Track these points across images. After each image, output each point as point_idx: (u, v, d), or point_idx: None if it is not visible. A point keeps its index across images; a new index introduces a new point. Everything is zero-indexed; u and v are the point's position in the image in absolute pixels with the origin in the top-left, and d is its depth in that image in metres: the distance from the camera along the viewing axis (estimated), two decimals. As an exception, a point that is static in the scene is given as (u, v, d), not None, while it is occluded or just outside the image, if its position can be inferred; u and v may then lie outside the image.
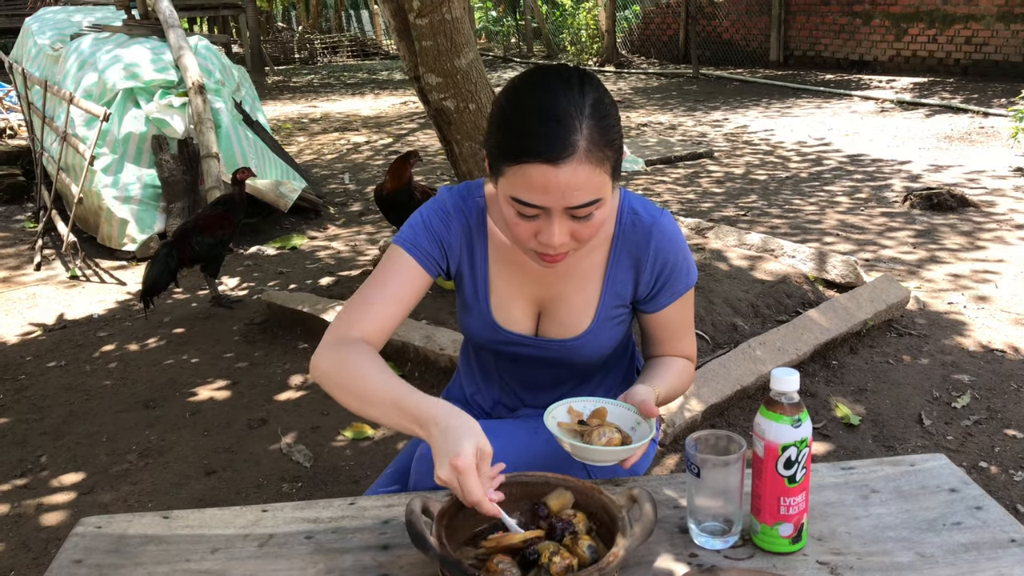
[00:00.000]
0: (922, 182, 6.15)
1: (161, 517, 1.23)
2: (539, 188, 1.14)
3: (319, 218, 5.99)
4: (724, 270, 3.81)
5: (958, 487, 1.22)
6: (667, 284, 1.35)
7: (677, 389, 1.39)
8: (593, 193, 1.16)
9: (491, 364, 1.51)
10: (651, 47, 16.69)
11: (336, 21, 25.89)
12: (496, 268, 1.38)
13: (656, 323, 1.40)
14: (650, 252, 1.34)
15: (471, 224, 1.38)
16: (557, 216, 1.17)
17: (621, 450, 1.16)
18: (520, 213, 1.18)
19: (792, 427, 1.05)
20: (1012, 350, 3.32)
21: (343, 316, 1.32)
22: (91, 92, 5.51)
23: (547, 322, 1.39)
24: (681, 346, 1.43)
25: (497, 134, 1.19)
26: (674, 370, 1.38)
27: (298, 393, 3.28)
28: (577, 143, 1.12)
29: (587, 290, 1.36)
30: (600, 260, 1.36)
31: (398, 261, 1.33)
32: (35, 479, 2.75)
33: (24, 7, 13.77)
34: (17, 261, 5.24)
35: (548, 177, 1.13)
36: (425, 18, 3.14)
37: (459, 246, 1.38)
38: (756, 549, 1.11)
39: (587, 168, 1.13)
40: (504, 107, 1.19)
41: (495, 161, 1.20)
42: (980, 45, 11.60)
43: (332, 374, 1.26)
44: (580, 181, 1.13)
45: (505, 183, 1.18)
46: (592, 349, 1.39)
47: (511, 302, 1.38)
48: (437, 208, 1.37)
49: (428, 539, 1.00)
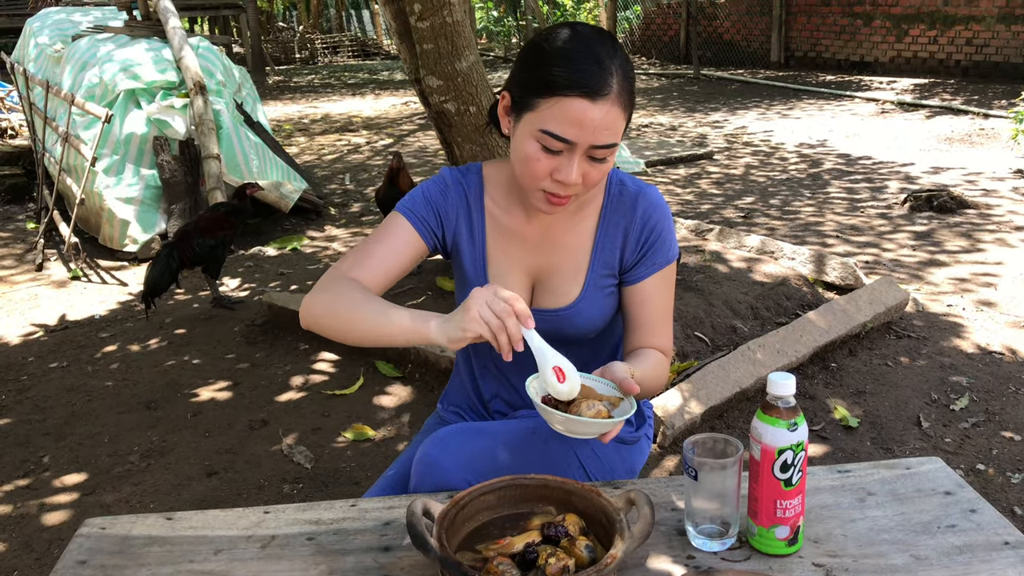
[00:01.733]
0: (922, 184, 6.16)
1: (164, 518, 1.24)
2: (575, 122, 1.20)
3: (320, 219, 6.00)
4: (723, 272, 3.82)
5: (953, 490, 1.23)
6: (650, 251, 1.40)
7: (651, 379, 1.37)
8: (615, 136, 1.24)
9: (488, 352, 1.52)
10: (652, 48, 16.70)
11: (337, 21, 25.90)
12: (493, 238, 1.43)
13: (636, 301, 1.41)
14: (637, 217, 1.39)
15: (469, 197, 1.44)
16: (579, 153, 1.24)
17: (605, 422, 1.14)
18: (545, 147, 1.24)
19: (788, 431, 1.06)
20: (1010, 352, 3.34)
21: (336, 267, 1.36)
22: (92, 93, 5.52)
23: (540, 292, 1.44)
24: (659, 336, 1.43)
25: (532, 69, 1.25)
26: (650, 361, 1.38)
27: (299, 394, 3.29)
28: (612, 84, 1.21)
29: (577, 259, 1.41)
30: (590, 229, 1.41)
31: (395, 223, 1.40)
32: (37, 479, 2.77)
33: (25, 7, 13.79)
34: (18, 261, 5.26)
35: (585, 112, 1.20)
36: (426, 21, 3.15)
37: (455, 215, 1.43)
38: (753, 551, 1.12)
39: (617, 110, 1.22)
40: (541, 45, 1.26)
41: (524, 96, 1.25)
42: (981, 46, 11.61)
43: (325, 306, 1.30)
44: (610, 121, 1.22)
45: (535, 117, 1.23)
46: (584, 319, 1.42)
47: (507, 272, 1.43)
48: (436, 181, 1.45)
49: (429, 541, 1.01)
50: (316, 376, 3.43)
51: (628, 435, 1.54)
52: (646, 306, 1.42)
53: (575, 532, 1.09)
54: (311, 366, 3.51)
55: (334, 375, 3.43)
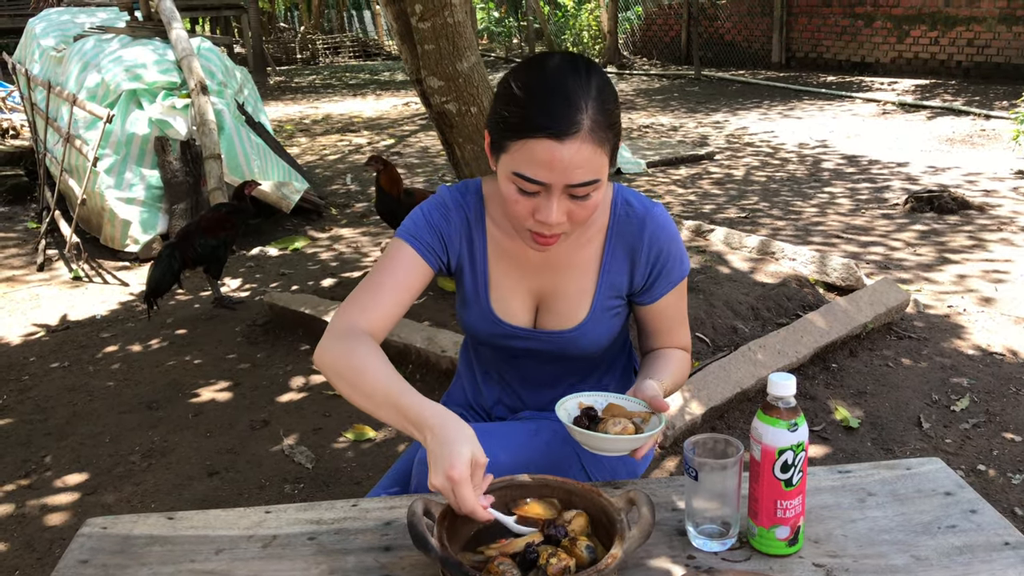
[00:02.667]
0: (923, 184, 6.16)
1: (166, 518, 1.24)
2: (543, 163, 1.17)
3: (321, 219, 6.01)
4: (725, 273, 3.82)
5: (953, 491, 1.23)
6: (663, 273, 1.38)
7: (679, 381, 1.43)
8: (593, 173, 1.19)
9: (491, 362, 1.52)
10: (653, 48, 16.70)
11: (338, 21, 25.91)
12: (495, 261, 1.41)
13: (653, 314, 1.43)
14: (644, 242, 1.37)
15: (470, 219, 1.40)
16: (556, 194, 1.20)
17: (635, 438, 1.18)
18: (521, 190, 1.22)
19: (789, 431, 1.06)
20: (1011, 353, 3.34)
21: (347, 307, 1.34)
22: (94, 93, 5.52)
23: (545, 314, 1.42)
24: (677, 337, 1.46)
25: (503, 110, 1.22)
26: (674, 362, 1.41)
27: (300, 394, 3.29)
28: (582, 121, 1.16)
29: (583, 281, 1.39)
30: (595, 252, 1.39)
31: (400, 252, 1.36)
32: (39, 479, 2.77)
33: (27, 7, 13.79)
34: (20, 261, 5.27)
35: (552, 153, 1.16)
36: (427, 22, 3.16)
37: (459, 239, 1.40)
38: (753, 551, 1.12)
39: (590, 147, 1.18)
40: (511, 85, 1.22)
41: (499, 138, 1.22)
42: (982, 47, 11.61)
43: (336, 366, 1.27)
44: (583, 159, 1.17)
45: (508, 159, 1.21)
46: (589, 340, 1.41)
47: (510, 295, 1.41)
48: (437, 203, 1.40)
49: (430, 540, 1.02)
50: (317, 376, 3.43)
51: None
52: (664, 317, 1.44)
53: (578, 531, 1.09)
54: (312, 366, 3.52)
55: (335, 375, 3.43)
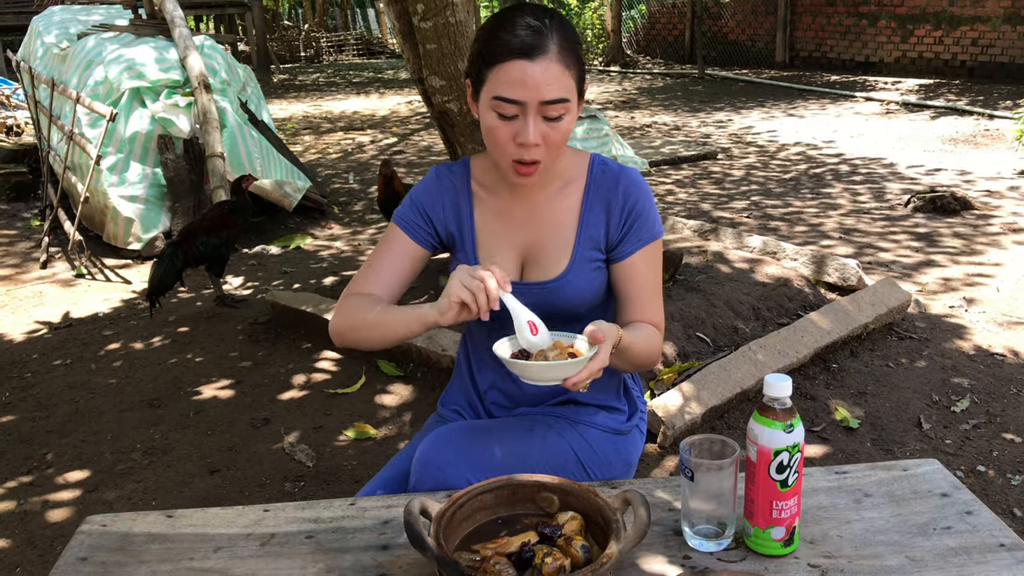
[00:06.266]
0: (926, 184, 6.16)
1: (165, 516, 1.25)
2: (518, 82, 1.31)
3: (323, 218, 6.01)
4: (725, 272, 3.83)
5: (949, 492, 1.24)
6: (634, 227, 1.46)
7: (643, 349, 1.41)
8: (563, 91, 1.33)
9: (483, 339, 1.54)
10: (657, 47, 16.69)
11: (342, 19, 25.92)
12: (481, 221, 1.50)
13: (624, 275, 1.47)
14: (619, 194, 1.47)
15: (456, 185, 1.52)
16: (532, 113, 1.32)
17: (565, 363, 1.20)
18: (501, 115, 1.34)
19: (784, 432, 1.07)
20: (1012, 354, 3.33)
21: (349, 286, 1.50)
22: (97, 91, 5.54)
23: (529, 268, 1.49)
24: (650, 311, 1.48)
25: (478, 47, 1.36)
26: (642, 332, 1.43)
27: (301, 393, 3.30)
28: (548, 45, 1.31)
29: (564, 234, 1.48)
30: (574, 205, 1.48)
31: (392, 235, 1.52)
32: (41, 476, 2.78)
33: (31, 5, 13.80)
34: (23, 259, 5.28)
35: (525, 71, 1.30)
36: (429, 21, 3.16)
37: (443, 206, 1.51)
38: (748, 552, 1.13)
39: (558, 67, 1.32)
40: (484, 27, 1.38)
41: (477, 74, 1.37)
42: (986, 47, 11.59)
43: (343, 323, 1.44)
44: (552, 76, 1.31)
45: (487, 89, 1.35)
46: (572, 290, 1.46)
47: (496, 251, 1.49)
48: (424, 182, 1.54)
49: (426, 540, 1.02)
50: (318, 375, 3.44)
51: (621, 425, 1.56)
52: (634, 281, 1.48)
53: (573, 531, 1.10)
54: (313, 365, 3.53)
55: (336, 374, 3.44)
